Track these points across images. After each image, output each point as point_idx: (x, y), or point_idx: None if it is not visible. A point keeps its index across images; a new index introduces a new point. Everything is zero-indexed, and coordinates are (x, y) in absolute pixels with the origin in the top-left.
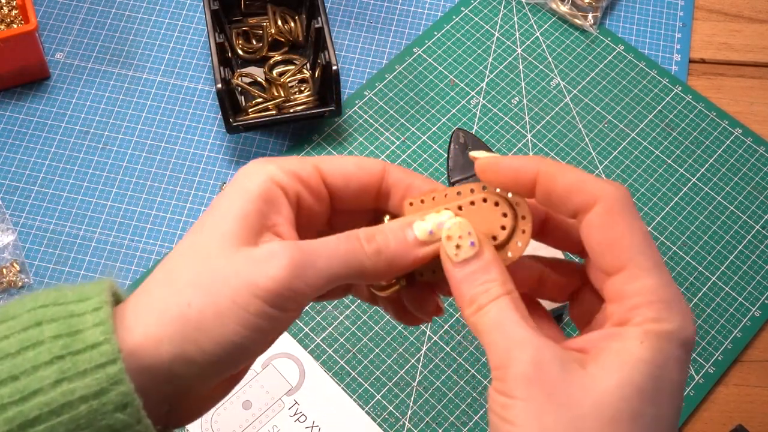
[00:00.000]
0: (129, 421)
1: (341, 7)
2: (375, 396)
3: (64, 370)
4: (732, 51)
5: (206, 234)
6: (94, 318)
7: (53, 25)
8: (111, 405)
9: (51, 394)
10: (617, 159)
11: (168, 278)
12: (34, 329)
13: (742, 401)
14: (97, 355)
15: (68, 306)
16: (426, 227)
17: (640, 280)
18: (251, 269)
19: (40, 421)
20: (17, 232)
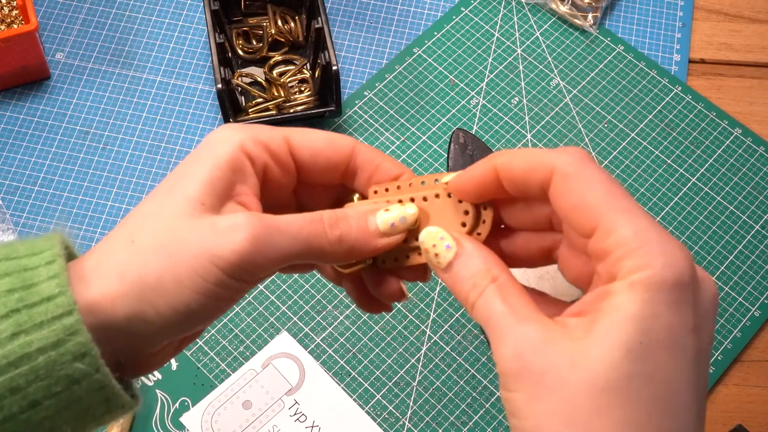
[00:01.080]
0: (87, 370)
1: (341, 7)
2: (375, 396)
3: (21, 323)
4: (732, 51)
5: (171, 197)
6: (47, 271)
7: (53, 25)
8: (69, 355)
9: (8, 346)
10: (617, 159)
11: (129, 239)
12: None
13: (742, 401)
14: (53, 307)
15: (20, 260)
16: (388, 219)
17: (614, 233)
18: (213, 239)
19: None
20: (18, 232)
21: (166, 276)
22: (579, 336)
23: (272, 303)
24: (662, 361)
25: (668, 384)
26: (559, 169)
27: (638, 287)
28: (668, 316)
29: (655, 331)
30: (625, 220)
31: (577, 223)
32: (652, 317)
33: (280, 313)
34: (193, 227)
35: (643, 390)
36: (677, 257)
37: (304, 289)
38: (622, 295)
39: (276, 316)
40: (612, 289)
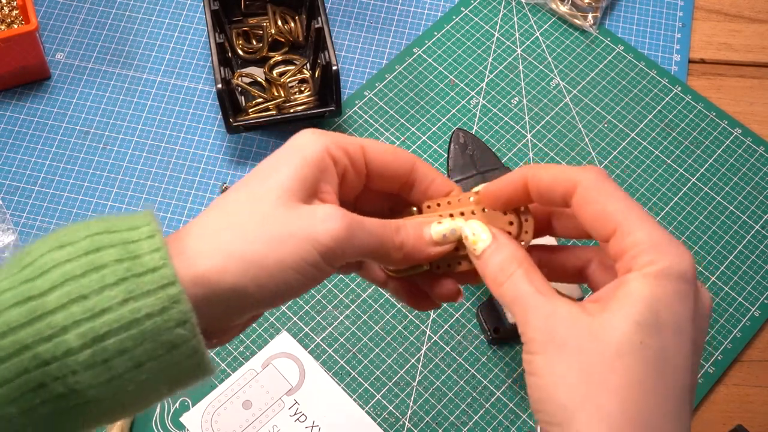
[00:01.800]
0: (187, 336)
1: (341, 7)
2: (375, 396)
3: (130, 290)
4: (732, 51)
5: (267, 187)
6: (149, 245)
7: (54, 25)
8: (172, 322)
9: (119, 311)
10: (617, 159)
11: (230, 221)
12: (95, 254)
13: (741, 401)
14: (158, 278)
15: (121, 234)
16: (440, 230)
17: (631, 235)
18: (313, 225)
19: (110, 335)
20: (18, 232)
21: (270, 255)
22: (597, 313)
23: None
24: (666, 338)
25: (670, 357)
26: (584, 182)
27: (650, 277)
28: (673, 302)
29: (662, 312)
30: (640, 225)
31: (599, 227)
32: (660, 301)
33: (280, 313)
34: (293, 214)
35: (649, 358)
36: (683, 257)
37: None
38: (635, 282)
39: (276, 316)
40: (627, 278)
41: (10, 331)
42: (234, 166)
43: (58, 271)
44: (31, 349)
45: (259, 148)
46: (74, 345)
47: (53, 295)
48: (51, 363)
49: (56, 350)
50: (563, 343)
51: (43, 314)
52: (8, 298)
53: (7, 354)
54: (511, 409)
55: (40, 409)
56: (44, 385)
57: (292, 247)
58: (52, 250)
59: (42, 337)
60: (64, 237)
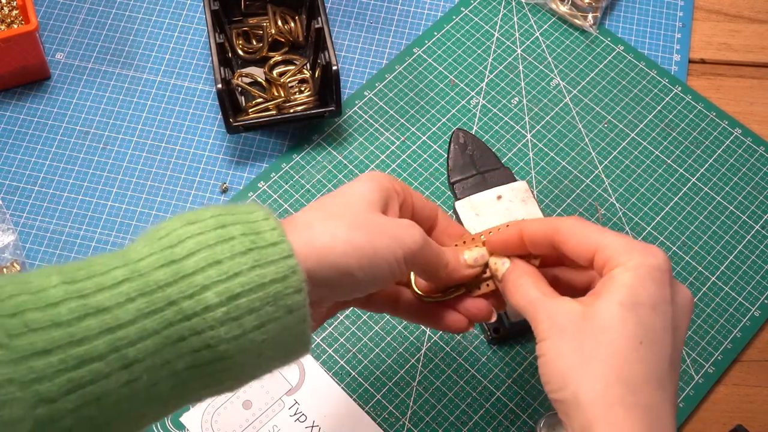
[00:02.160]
0: (302, 301)
1: (341, 7)
2: (375, 396)
3: (256, 259)
4: (732, 51)
5: (356, 198)
6: (267, 224)
7: (53, 25)
8: (291, 288)
9: (249, 275)
10: (617, 159)
11: (332, 214)
12: (222, 229)
13: (741, 401)
14: (278, 250)
15: (241, 215)
16: (472, 255)
17: (609, 247)
18: (400, 229)
19: (242, 296)
20: (18, 232)
21: (369, 243)
22: (590, 302)
23: None
24: (644, 314)
25: (648, 330)
26: (563, 226)
27: (630, 268)
28: (650, 285)
29: (640, 294)
30: (616, 238)
31: (582, 253)
32: (639, 285)
33: None
34: (382, 219)
35: (630, 331)
36: (657, 253)
37: None
38: (619, 274)
39: None
40: (613, 272)
41: (158, 288)
42: (234, 166)
43: (192, 241)
44: (176, 304)
45: (259, 149)
46: (212, 302)
47: (192, 260)
48: (192, 318)
49: (197, 306)
50: (563, 328)
51: (185, 275)
52: (153, 262)
53: (158, 307)
54: (511, 409)
55: (178, 363)
56: (184, 338)
57: (386, 242)
58: (183, 225)
59: (185, 295)
60: (190, 216)
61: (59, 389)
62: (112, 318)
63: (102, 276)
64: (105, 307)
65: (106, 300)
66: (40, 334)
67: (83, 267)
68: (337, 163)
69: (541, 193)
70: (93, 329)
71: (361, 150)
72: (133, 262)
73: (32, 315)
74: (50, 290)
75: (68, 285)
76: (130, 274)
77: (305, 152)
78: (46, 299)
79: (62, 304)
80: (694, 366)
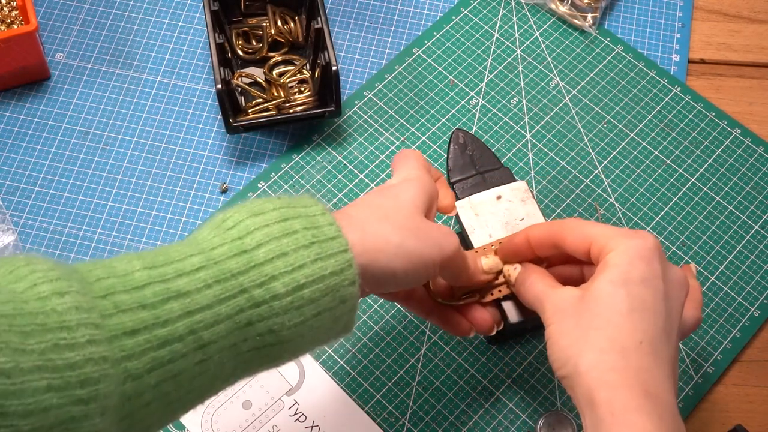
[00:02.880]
0: (355, 292)
1: (341, 8)
2: (375, 396)
3: (318, 252)
4: (731, 51)
5: (403, 199)
6: (324, 219)
7: (53, 25)
8: (347, 281)
9: (312, 267)
10: (616, 159)
11: (381, 216)
12: (285, 222)
13: (741, 401)
14: (336, 245)
15: (300, 209)
16: (488, 262)
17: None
18: (441, 236)
19: (306, 286)
20: (17, 232)
21: (416, 251)
22: (588, 286)
23: None
24: (634, 289)
25: (638, 303)
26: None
27: (620, 251)
28: (640, 264)
29: (631, 272)
30: (607, 228)
31: (580, 249)
32: (629, 264)
33: None
34: (427, 224)
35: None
36: (646, 236)
37: None
38: (610, 258)
39: None
40: (606, 258)
41: (231, 276)
42: (234, 167)
43: (260, 233)
44: (247, 292)
45: (258, 149)
46: (280, 291)
47: (261, 251)
48: (261, 305)
49: (266, 294)
50: (564, 311)
51: (255, 265)
52: (226, 251)
53: (232, 294)
54: (511, 409)
55: (243, 346)
56: (251, 324)
57: (430, 248)
58: (249, 216)
59: (255, 283)
60: (254, 208)
61: (144, 367)
62: (191, 302)
63: (180, 262)
64: (185, 292)
65: (186, 285)
66: (129, 315)
67: (161, 253)
68: (337, 163)
69: (541, 193)
70: (175, 311)
71: (360, 150)
72: (208, 250)
73: (120, 297)
74: (135, 274)
75: (150, 270)
76: (206, 261)
77: (305, 152)
78: (132, 282)
79: (147, 287)
80: (694, 366)
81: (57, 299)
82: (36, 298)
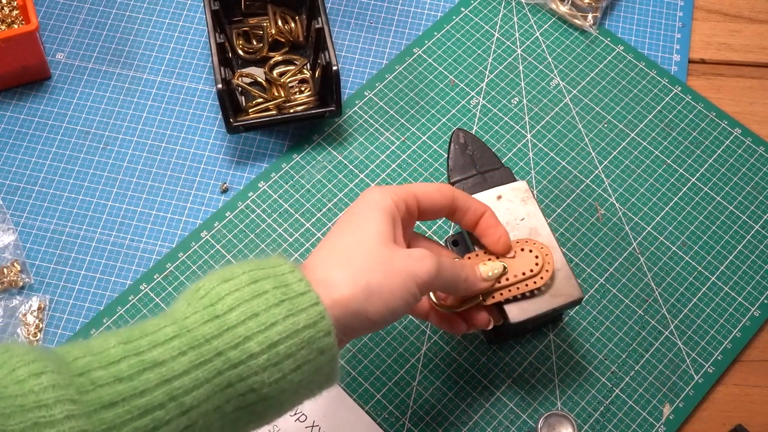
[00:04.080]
0: (331, 343)
1: (341, 8)
2: (375, 396)
3: (289, 308)
4: (731, 51)
5: (366, 233)
6: (293, 277)
7: (54, 25)
8: (321, 332)
9: (284, 324)
10: (617, 159)
11: (346, 259)
12: (255, 284)
13: (741, 401)
14: (306, 299)
15: (269, 269)
16: (487, 270)
17: None
18: (413, 264)
19: (280, 343)
20: (18, 232)
21: (384, 286)
22: None
23: None
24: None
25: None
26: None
27: None
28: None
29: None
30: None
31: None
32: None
33: None
34: (395, 255)
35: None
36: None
37: None
38: None
39: None
40: None
41: (205, 341)
42: (234, 166)
43: (231, 297)
44: (223, 354)
45: (259, 149)
46: (255, 350)
47: (233, 314)
48: (238, 366)
49: (242, 355)
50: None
51: (228, 328)
52: (198, 318)
53: (207, 359)
54: (511, 409)
55: (226, 407)
56: (231, 385)
57: (401, 280)
58: (219, 283)
59: (230, 345)
60: (225, 274)
61: None
62: (167, 370)
63: (154, 334)
64: (160, 361)
65: (161, 355)
66: (106, 389)
67: (136, 328)
68: (337, 163)
69: (541, 193)
70: (152, 381)
71: (361, 150)
72: (181, 320)
73: (97, 373)
74: (110, 350)
75: (125, 345)
76: (179, 330)
77: (305, 152)
78: (108, 358)
79: (122, 361)
80: (694, 366)
81: (34, 380)
82: (15, 382)
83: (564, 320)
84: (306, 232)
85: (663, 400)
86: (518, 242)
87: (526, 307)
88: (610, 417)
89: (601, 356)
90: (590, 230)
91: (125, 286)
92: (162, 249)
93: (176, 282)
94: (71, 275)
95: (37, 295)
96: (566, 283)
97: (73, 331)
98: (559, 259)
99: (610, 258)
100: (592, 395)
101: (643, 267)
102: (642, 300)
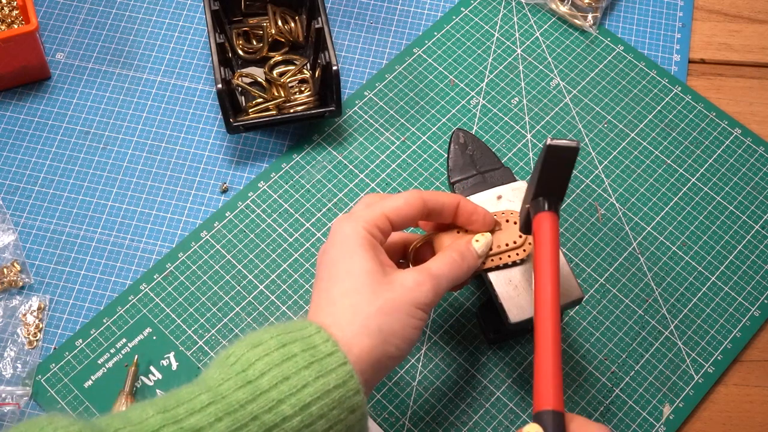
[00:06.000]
0: (361, 401)
1: (341, 8)
2: (375, 396)
3: (319, 370)
4: (731, 51)
5: (356, 277)
6: (320, 338)
7: (54, 25)
8: (351, 391)
9: (315, 385)
10: (617, 159)
11: (351, 311)
12: (284, 348)
13: (741, 401)
14: (335, 360)
15: (297, 332)
16: (480, 245)
17: None
18: (411, 292)
19: (312, 404)
20: (18, 232)
21: (394, 324)
22: None
23: (272, 303)
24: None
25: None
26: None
27: None
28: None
29: None
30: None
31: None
32: None
33: (280, 313)
34: (392, 290)
35: None
36: None
37: (304, 289)
38: None
39: (276, 315)
40: None
41: (240, 407)
42: (234, 166)
43: (261, 363)
44: (258, 419)
45: (259, 149)
46: (289, 413)
47: (264, 379)
48: (272, 429)
49: (276, 418)
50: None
51: (261, 393)
52: (231, 385)
53: (243, 423)
54: (511, 409)
55: None
56: None
57: (406, 312)
58: (249, 349)
59: (264, 409)
60: (253, 340)
61: None
62: None
63: (190, 402)
64: (198, 428)
65: (198, 422)
66: None
67: (171, 397)
68: (337, 163)
69: None
70: None
71: (361, 150)
72: (215, 387)
73: None
74: (149, 420)
75: (163, 414)
76: (214, 397)
77: (305, 152)
78: (147, 427)
79: (162, 429)
80: (694, 366)
81: None
82: None
83: (564, 320)
84: (306, 232)
85: (663, 400)
86: (502, 214)
87: (526, 307)
88: (610, 417)
89: (601, 356)
90: (590, 230)
91: (125, 286)
92: (162, 249)
93: (176, 282)
94: (71, 275)
95: (37, 295)
96: (566, 283)
97: (73, 331)
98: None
99: (610, 258)
100: (592, 395)
101: (643, 267)
102: (642, 300)
